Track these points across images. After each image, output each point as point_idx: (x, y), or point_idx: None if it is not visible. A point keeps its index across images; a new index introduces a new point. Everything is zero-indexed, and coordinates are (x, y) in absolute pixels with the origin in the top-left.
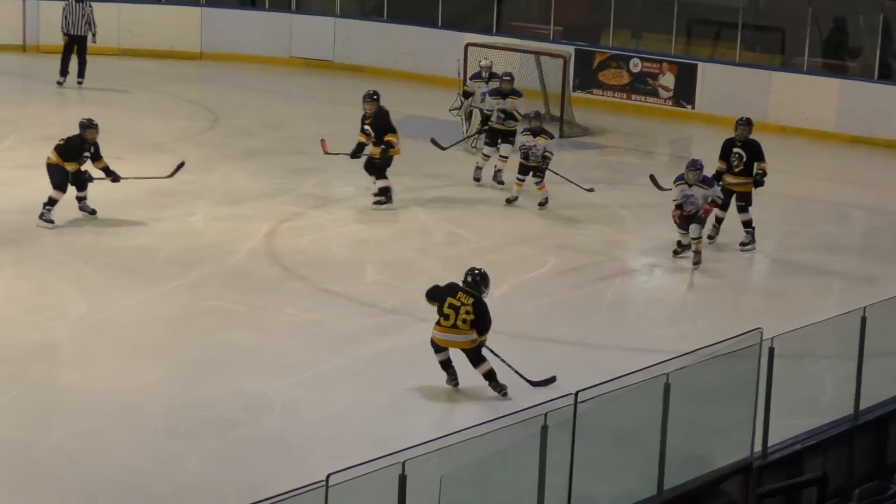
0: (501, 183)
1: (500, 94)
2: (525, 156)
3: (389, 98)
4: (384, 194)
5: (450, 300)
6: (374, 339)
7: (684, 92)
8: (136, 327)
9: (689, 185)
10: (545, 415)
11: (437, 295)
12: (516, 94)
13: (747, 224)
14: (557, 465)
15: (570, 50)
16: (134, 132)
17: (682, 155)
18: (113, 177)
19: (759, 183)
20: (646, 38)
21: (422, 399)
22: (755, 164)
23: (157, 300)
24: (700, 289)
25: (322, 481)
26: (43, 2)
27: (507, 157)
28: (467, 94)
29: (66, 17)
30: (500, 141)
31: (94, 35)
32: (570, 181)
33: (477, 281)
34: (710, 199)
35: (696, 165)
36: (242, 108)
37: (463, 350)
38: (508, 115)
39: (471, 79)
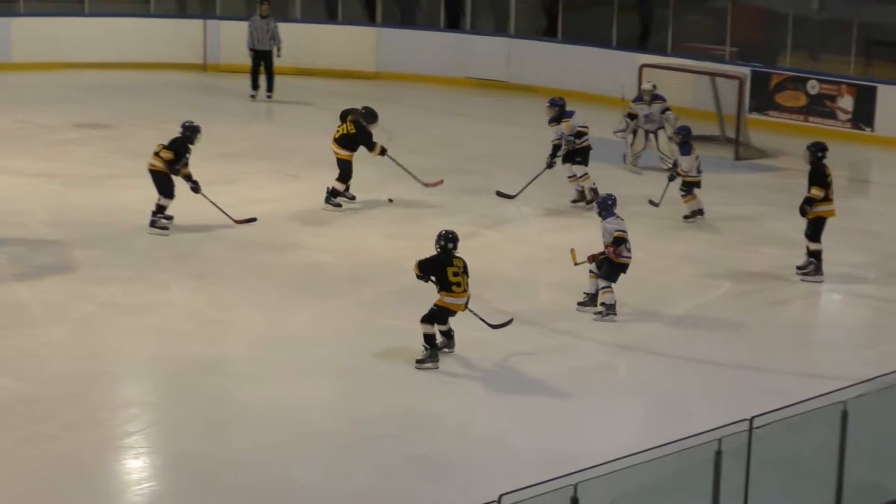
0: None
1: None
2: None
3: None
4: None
5: (451, 269)
6: (545, 360)
7: (863, 114)
8: (309, 343)
9: None
10: (719, 440)
11: (431, 267)
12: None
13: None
14: (730, 491)
15: (745, 71)
16: (309, 150)
17: (860, 178)
18: (193, 185)
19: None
20: (823, 60)
21: (592, 420)
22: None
23: (331, 317)
24: (881, 312)
25: (495, 501)
26: (223, 21)
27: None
28: (632, 116)
29: (251, 33)
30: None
31: (278, 50)
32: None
33: (457, 241)
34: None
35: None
36: (416, 127)
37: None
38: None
39: (633, 101)
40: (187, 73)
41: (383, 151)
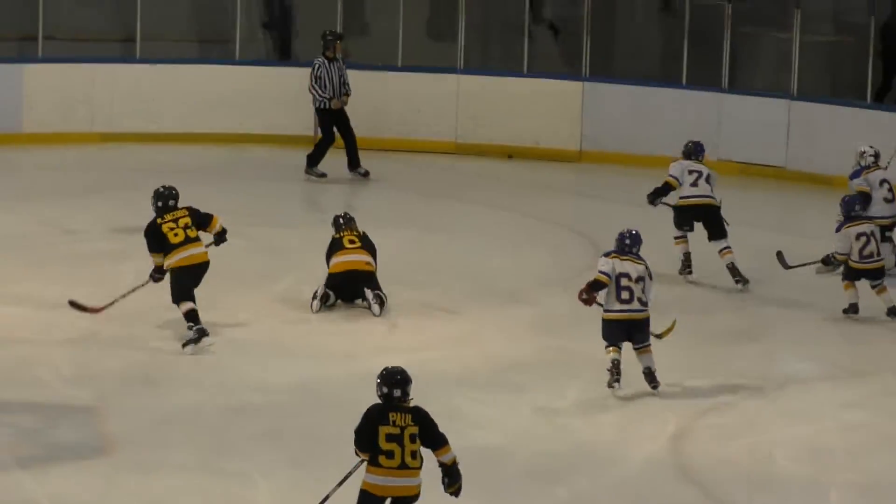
0: None
1: None
2: None
3: None
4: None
5: (384, 430)
6: None
7: None
8: None
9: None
10: None
11: (365, 433)
12: None
13: None
14: None
15: None
16: (473, 273)
17: None
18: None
19: None
20: None
21: None
22: None
23: None
24: None
25: None
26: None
27: None
28: None
29: (325, 81)
30: None
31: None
32: None
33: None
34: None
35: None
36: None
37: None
38: None
39: None
40: (289, 149)
41: None
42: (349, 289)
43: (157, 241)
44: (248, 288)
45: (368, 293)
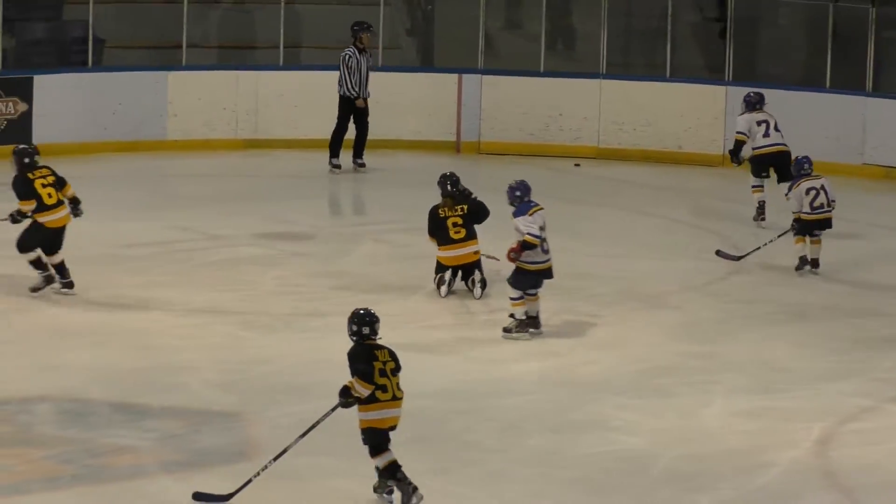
0: None
1: None
2: None
3: None
4: None
5: (377, 365)
6: None
7: None
8: None
9: None
10: None
11: (367, 371)
12: None
13: None
14: None
15: None
16: (618, 278)
17: None
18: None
19: None
20: None
21: None
22: None
23: None
24: None
25: None
26: (488, 76)
27: None
28: None
29: (349, 73)
30: None
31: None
32: None
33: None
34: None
35: None
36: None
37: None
38: None
39: None
40: (431, 155)
41: None
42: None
43: (27, 190)
44: (392, 293)
45: (475, 276)
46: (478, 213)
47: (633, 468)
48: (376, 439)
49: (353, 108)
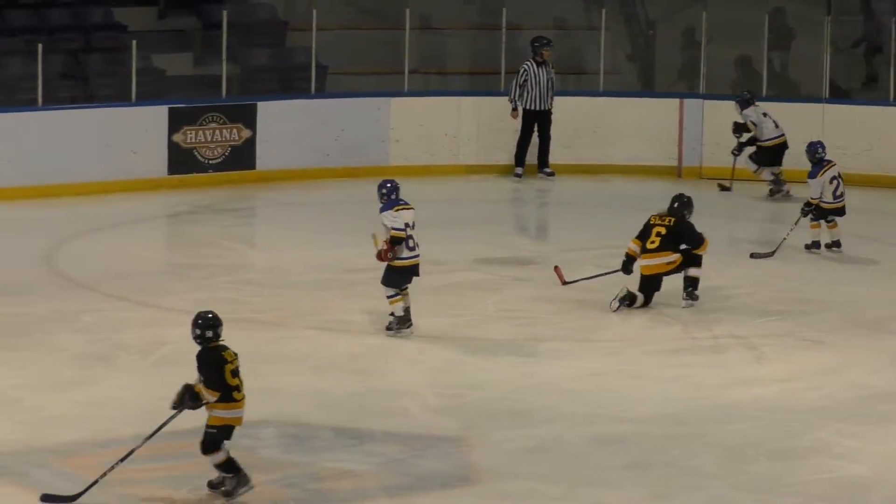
0: None
1: None
2: None
3: None
4: None
5: (228, 367)
6: None
7: None
8: None
9: None
10: None
11: (219, 373)
12: None
13: None
14: None
15: None
16: (841, 303)
17: None
18: None
19: None
20: None
21: None
22: None
23: None
24: None
25: None
26: (710, 101)
27: None
28: None
29: (521, 86)
30: None
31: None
32: None
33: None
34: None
35: None
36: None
37: None
38: None
39: None
40: (650, 181)
41: None
42: (652, 290)
43: None
44: (612, 317)
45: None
46: (682, 233)
47: (855, 496)
48: (224, 435)
49: (535, 120)
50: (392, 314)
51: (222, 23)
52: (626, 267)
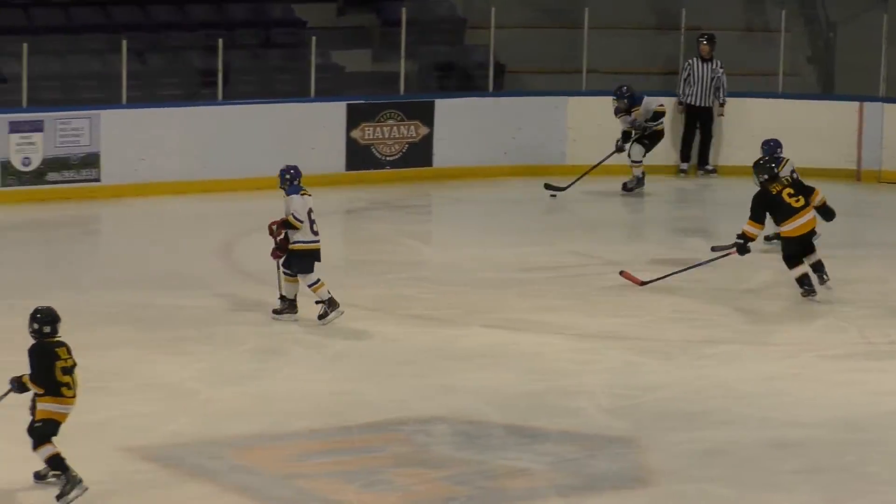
0: None
1: None
2: None
3: None
4: None
5: (59, 364)
6: None
7: None
8: None
9: None
10: None
11: (45, 369)
12: None
13: None
14: None
15: None
16: None
17: None
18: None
19: None
20: None
21: None
22: None
23: None
24: None
25: None
26: (890, 105)
27: None
28: None
29: (684, 81)
30: None
31: (721, 105)
32: None
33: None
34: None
35: None
36: None
37: None
38: None
39: None
40: (828, 183)
41: None
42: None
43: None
44: (791, 322)
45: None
46: (801, 184)
47: None
48: (50, 429)
49: (696, 117)
50: (320, 301)
51: (401, 20)
52: (744, 249)
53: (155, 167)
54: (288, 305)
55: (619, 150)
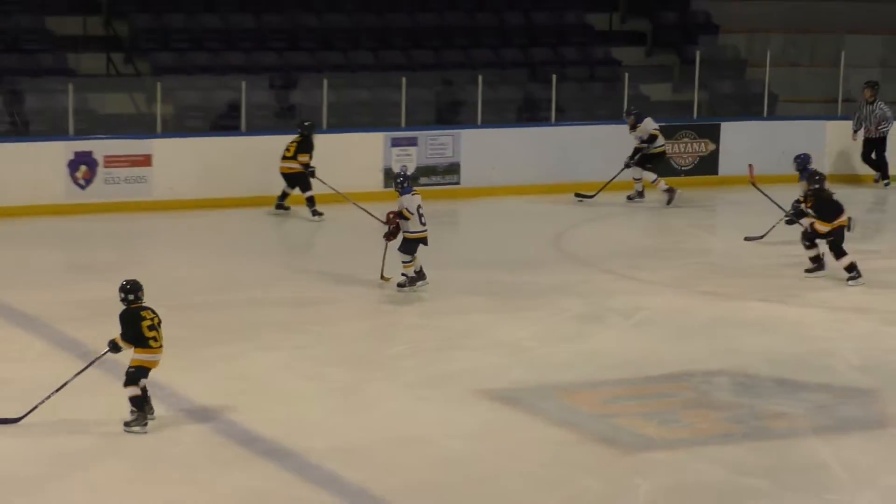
0: None
1: None
2: None
3: None
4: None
5: (145, 323)
6: None
7: None
8: None
9: None
10: None
11: (133, 330)
12: None
13: None
14: None
15: None
16: None
17: None
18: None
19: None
20: None
21: None
22: None
23: None
24: None
25: None
26: None
27: None
28: None
29: (858, 119)
30: None
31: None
32: None
33: (140, 290)
34: None
35: None
36: None
37: None
38: None
39: None
40: None
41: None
42: None
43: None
44: None
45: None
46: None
47: None
48: (140, 374)
49: (868, 145)
50: (404, 275)
51: (696, 59)
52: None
53: (503, 174)
54: (416, 276)
55: (627, 166)
